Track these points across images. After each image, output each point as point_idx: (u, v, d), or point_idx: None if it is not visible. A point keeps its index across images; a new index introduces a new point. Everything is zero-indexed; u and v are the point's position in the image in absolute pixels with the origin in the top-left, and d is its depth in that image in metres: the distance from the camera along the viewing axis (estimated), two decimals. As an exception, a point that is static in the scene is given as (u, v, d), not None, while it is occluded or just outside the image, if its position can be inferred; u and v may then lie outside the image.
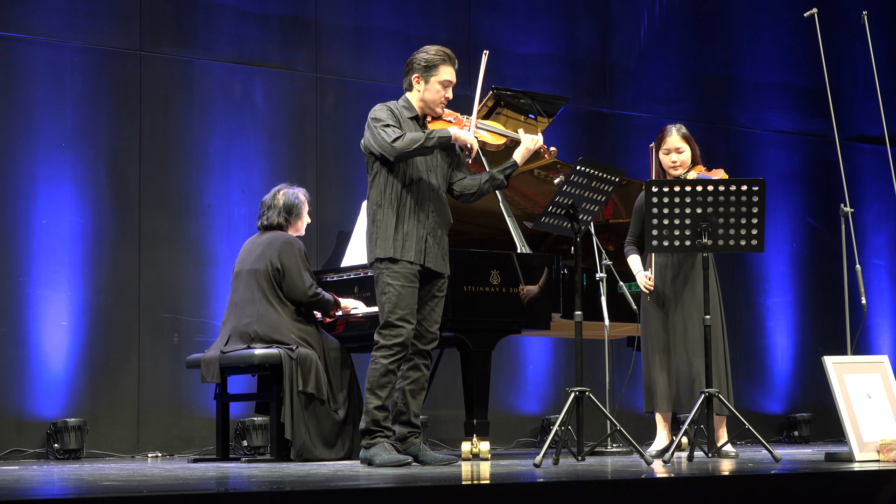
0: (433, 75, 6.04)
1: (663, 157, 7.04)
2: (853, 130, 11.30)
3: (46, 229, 8.20)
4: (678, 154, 7.01)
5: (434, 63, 6.04)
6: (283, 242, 6.97)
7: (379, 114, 6.00)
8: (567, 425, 5.91)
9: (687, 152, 7.02)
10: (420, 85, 6.05)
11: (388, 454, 5.85)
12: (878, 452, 5.78)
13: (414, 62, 6.07)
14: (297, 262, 6.92)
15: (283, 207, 7.10)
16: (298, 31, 9.16)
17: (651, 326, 7.04)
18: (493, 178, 6.19)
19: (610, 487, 4.50)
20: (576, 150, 9.77)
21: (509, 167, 6.19)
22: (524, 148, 6.16)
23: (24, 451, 7.98)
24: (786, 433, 10.67)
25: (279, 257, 6.93)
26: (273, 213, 7.10)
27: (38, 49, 8.29)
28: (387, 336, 5.94)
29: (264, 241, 7.04)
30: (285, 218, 7.10)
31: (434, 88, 6.05)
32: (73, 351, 8.21)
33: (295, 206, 7.12)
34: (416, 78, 6.05)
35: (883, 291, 11.30)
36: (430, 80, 6.04)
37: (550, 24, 10.22)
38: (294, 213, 7.12)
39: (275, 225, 7.09)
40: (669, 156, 7.02)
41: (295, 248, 6.96)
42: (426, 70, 6.04)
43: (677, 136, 7.02)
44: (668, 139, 7.03)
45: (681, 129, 7.04)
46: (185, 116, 8.73)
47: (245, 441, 8.39)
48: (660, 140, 7.06)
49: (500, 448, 9.29)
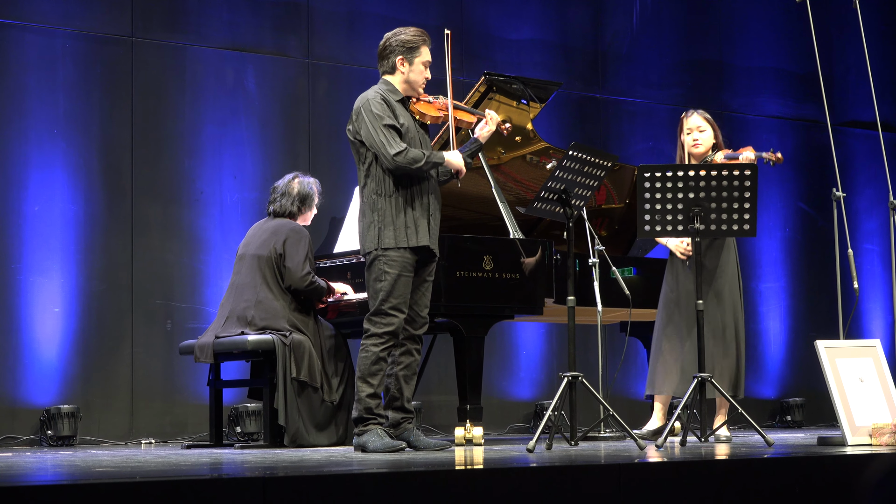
0: (416, 56, 6.06)
1: (685, 139, 7.09)
2: (845, 115, 11.30)
3: (38, 216, 8.19)
4: (700, 133, 7.06)
5: (416, 44, 6.06)
6: (290, 230, 6.96)
7: (378, 109, 5.97)
8: (560, 410, 5.92)
9: (709, 132, 7.07)
10: (405, 66, 6.06)
11: (382, 440, 5.85)
12: (870, 436, 5.79)
13: (394, 45, 6.06)
14: (299, 251, 6.90)
15: (298, 196, 7.08)
16: (290, 16, 9.15)
17: (665, 311, 7.06)
18: None
19: (603, 472, 4.51)
20: (568, 135, 9.77)
21: (475, 147, 6.24)
22: (487, 128, 6.21)
23: (18, 437, 7.98)
24: (779, 418, 10.69)
25: (284, 245, 6.91)
26: (286, 201, 7.07)
27: (29, 35, 8.26)
28: (378, 324, 5.94)
29: (271, 228, 7.03)
30: (298, 207, 7.08)
31: (418, 69, 6.07)
32: (66, 338, 8.20)
33: (309, 195, 7.11)
34: (401, 60, 6.05)
35: (875, 276, 11.32)
36: (413, 61, 6.06)
37: (542, 9, 10.21)
38: (307, 203, 7.11)
39: (286, 213, 7.07)
40: (691, 135, 7.07)
41: (302, 237, 6.94)
42: (409, 52, 6.05)
43: (698, 116, 7.10)
44: (689, 119, 7.11)
45: (702, 112, 7.12)
46: (177, 103, 8.71)
47: (238, 427, 8.40)
48: (681, 124, 7.12)
49: (494, 433, 9.31)
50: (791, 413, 10.63)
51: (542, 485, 4.29)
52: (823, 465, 5.05)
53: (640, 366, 9.71)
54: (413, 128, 6.05)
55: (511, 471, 4.51)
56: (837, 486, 4.88)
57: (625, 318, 7.68)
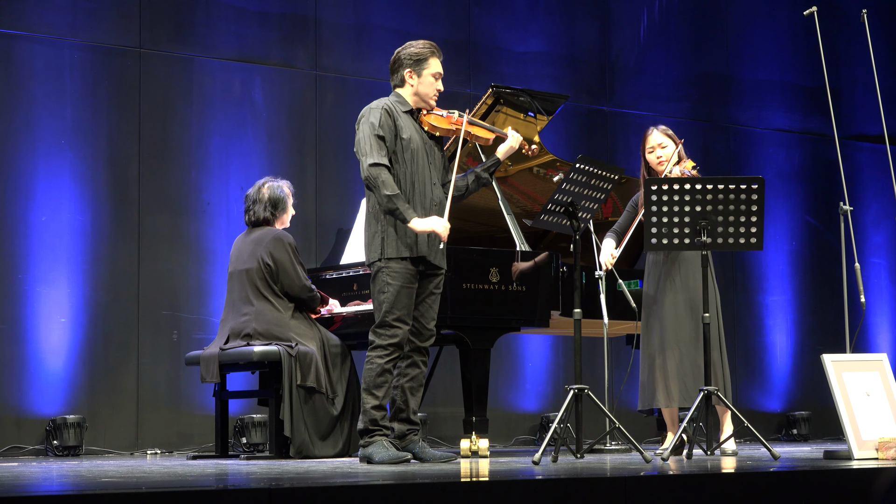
0: (425, 68, 6.08)
1: (649, 157, 7.10)
2: (852, 129, 11.29)
3: (45, 226, 8.20)
4: (661, 149, 7.06)
5: (424, 56, 6.09)
6: (273, 239, 6.97)
7: (373, 117, 6.02)
8: (566, 423, 5.91)
9: (670, 147, 7.06)
10: (413, 79, 6.09)
11: (387, 451, 5.85)
12: (876, 450, 5.78)
13: (403, 58, 6.11)
14: (289, 257, 6.93)
15: (269, 201, 7.09)
16: (298, 28, 9.16)
17: (647, 324, 7.05)
18: (479, 177, 6.28)
19: (609, 485, 4.51)
20: (575, 148, 9.78)
21: (492, 164, 6.27)
22: (507, 146, 6.24)
23: (24, 447, 7.98)
24: (785, 431, 10.67)
25: (270, 254, 6.93)
26: (259, 208, 7.09)
27: (37, 46, 8.28)
28: (382, 336, 5.95)
29: (254, 240, 7.04)
30: (271, 212, 7.09)
31: (427, 81, 6.09)
32: (73, 348, 8.21)
33: (280, 199, 7.11)
34: (409, 73, 6.09)
35: (882, 290, 11.30)
36: (422, 73, 6.08)
37: (550, 22, 10.22)
38: (280, 207, 7.12)
39: (261, 220, 7.09)
40: (654, 153, 7.08)
41: (285, 243, 6.96)
42: (417, 64, 6.08)
43: (659, 133, 7.09)
44: (649, 138, 7.11)
45: (661, 127, 7.12)
46: (184, 114, 8.73)
47: (244, 438, 8.39)
48: (644, 142, 7.12)
49: (499, 445, 9.30)
50: (797, 426, 10.62)
51: (548, 497, 4.29)
52: (829, 479, 5.03)
53: (647, 379, 9.69)
54: (418, 140, 6.06)
55: (517, 483, 4.50)
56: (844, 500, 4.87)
57: (631, 331, 7.67)
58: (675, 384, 6.87)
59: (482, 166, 6.29)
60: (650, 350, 6.96)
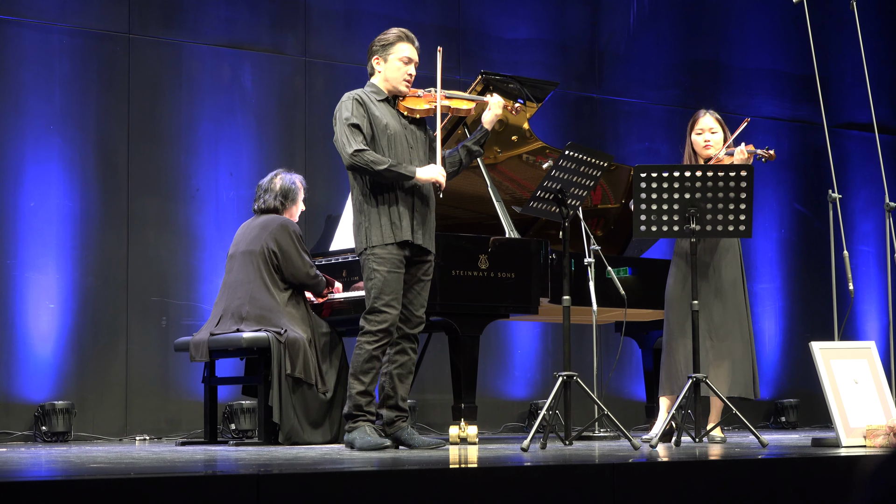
0: (390, 53, 6.11)
1: (695, 139, 7.11)
2: (842, 117, 11.31)
3: (34, 212, 8.18)
4: (711, 134, 7.08)
5: (390, 41, 6.13)
6: (279, 225, 6.99)
7: (345, 110, 6.04)
8: (555, 410, 5.92)
9: (720, 134, 7.09)
10: (381, 65, 6.13)
11: (367, 438, 5.88)
12: (864, 438, 5.80)
13: (372, 46, 6.18)
14: (294, 244, 6.95)
15: (280, 191, 7.13)
16: (287, 14, 9.14)
17: (671, 311, 7.04)
18: (470, 150, 6.30)
19: (597, 471, 4.51)
20: (564, 135, 9.77)
21: (481, 135, 6.29)
22: (492, 113, 6.24)
23: (12, 433, 7.97)
24: (773, 419, 10.70)
25: (276, 240, 6.94)
26: (269, 197, 7.13)
27: (26, 31, 8.26)
28: (371, 321, 5.96)
29: (260, 224, 7.06)
30: (281, 202, 7.12)
31: (394, 66, 6.10)
32: (61, 333, 8.20)
33: (291, 190, 7.15)
34: (377, 59, 6.14)
35: (870, 277, 11.33)
36: (388, 58, 6.11)
37: (540, 8, 10.21)
38: (290, 198, 7.14)
39: (270, 208, 7.11)
40: (702, 136, 7.09)
41: (291, 230, 6.98)
42: (383, 49, 6.13)
43: (710, 117, 7.12)
44: (700, 120, 7.13)
45: (714, 112, 7.14)
46: (173, 100, 8.71)
47: (233, 424, 8.39)
48: (692, 123, 7.14)
49: (488, 432, 9.31)
50: (785, 414, 10.64)
51: (537, 484, 4.30)
52: (817, 467, 5.05)
53: (635, 366, 9.71)
54: (396, 126, 6.07)
55: (505, 470, 4.51)
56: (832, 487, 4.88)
57: (620, 318, 7.68)
58: (727, 372, 6.87)
59: (471, 139, 6.31)
60: (672, 338, 6.95)
